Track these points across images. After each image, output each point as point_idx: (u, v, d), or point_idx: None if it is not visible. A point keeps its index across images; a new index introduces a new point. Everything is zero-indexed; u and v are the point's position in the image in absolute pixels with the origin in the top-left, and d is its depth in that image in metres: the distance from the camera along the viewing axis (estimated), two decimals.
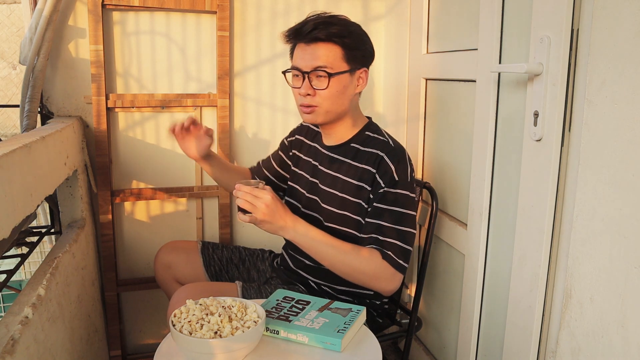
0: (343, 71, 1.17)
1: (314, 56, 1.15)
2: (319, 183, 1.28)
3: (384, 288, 1.14)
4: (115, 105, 1.61)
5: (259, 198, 1.06)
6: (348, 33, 1.17)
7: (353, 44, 1.17)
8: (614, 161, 0.81)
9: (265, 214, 1.06)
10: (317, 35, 1.14)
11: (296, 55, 1.20)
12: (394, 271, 1.12)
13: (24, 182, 0.96)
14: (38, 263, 2.17)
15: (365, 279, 1.13)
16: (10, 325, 0.86)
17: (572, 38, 0.92)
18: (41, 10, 1.43)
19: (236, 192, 1.07)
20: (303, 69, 1.17)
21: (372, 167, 1.18)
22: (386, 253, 1.12)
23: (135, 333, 1.82)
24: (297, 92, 1.20)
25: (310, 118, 1.21)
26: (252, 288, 1.24)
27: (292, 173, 1.41)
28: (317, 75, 1.16)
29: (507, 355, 1.15)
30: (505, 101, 1.16)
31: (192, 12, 1.66)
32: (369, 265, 1.11)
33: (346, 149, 1.25)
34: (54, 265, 1.14)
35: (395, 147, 1.20)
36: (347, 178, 1.22)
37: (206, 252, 1.45)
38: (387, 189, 1.15)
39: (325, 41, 1.15)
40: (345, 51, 1.16)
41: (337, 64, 1.16)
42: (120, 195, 1.66)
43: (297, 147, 1.42)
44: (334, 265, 1.13)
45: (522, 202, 1.07)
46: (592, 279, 0.87)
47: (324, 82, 1.16)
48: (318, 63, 1.15)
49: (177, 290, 1.22)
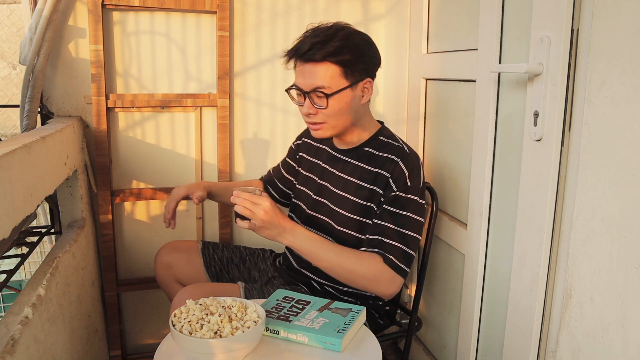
0: (342, 88, 1.15)
1: (312, 75, 1.15)
2: (329, 186, 1.29)
3: (383, 291, 1.14)
4: (115, 105, 1.61)
5: (257, 205, 1.06)
6: (347, 49, 1.14)
7: (352, 60, 1.15)
8: (614, 161, 0.81)
9: (264, 221, 1.07)
10: (313, 56, 1.13)
11: (297, 74, 1.20)
12: (394, 274, 1.12)
13: (24, 182, 0.97)
14: (38, 263, 2.17)
15: (365, 282, 1.13)
16: (10, 325, 0.86)
17: (572, 38, 0.92)
18: (41, 10, 1.43)
19: (234, 199, 1.08)
20: (304, 88, 1.17)
21: (387, 172, 1.18)
22: (387, 256, 1.12)
23: (135, 333, 1.82)
24: (301, 110, 1.21)
25: (319, 134, 1.22)
26: (255, 289, 1.24)
27: (299, 175, 1.42)
28: (317, 95, 1.16)
29: (507, 355, 1.15)
30: (505, 101, 1.16)
31: (192, 12, 1.66)
32: (369, 269, 1.11)
33: (360, 153, 1.25)
34: (54, 265, 1.14)
35: (411, 153, 1.21)
36: (360, 182, 1.22)
37: (207, 252, 1.45)
38: (399, 193, 1.16)
39: (321, 62, 1.14)
40: (343, 69, 1.14)
41: (335, 82, 1.15)
42: (120, 195, 1.66)
43: (304, 150, 1.43)
44: (334, 270, 1.13)
45: (522, 202, 1.07)
46: (592, 279, 0.87)
47: (324, 102, 1.16)
48: (316, 83, 1.14)
49: (180, 291, 1.22)
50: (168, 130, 1.72)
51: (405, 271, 1.14)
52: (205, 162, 1.76)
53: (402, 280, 1.15)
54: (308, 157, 1.40)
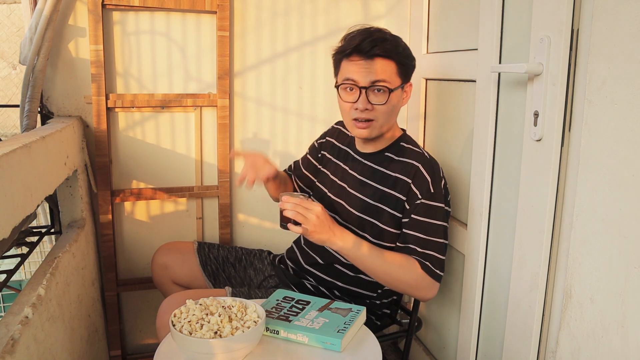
0: (398, 86, 1.19)
1: (372, 71, 1.16)
2: (347, 187, 1.30)
3: (423, 297, 1.19)
4: (115, 105, 1.61)
5: (309, 210, 1.09)
6: (401, 49, 1.19)
7: (405, 59, 1.19)
8: (614, 161, 0.81)
9: (316, 225, 1.09)
10: (377, 52, 1.15)
11: (350, 69, 1.18)
12: (433, 281, 1.16)
13: (24, 182, 0.97)
14: (38, 263, 2.17)
15: (406, 287, 1.17)
16: (10, 325, 0.86)
17: (572, 38, 0.92)
18: (41, 10, 1.43)
19: (284, 204, 1.10)
20: (360, 83, 1.17)
21: (407, 177, 1.19)
22: (425, 264, 1.15)
23: (135, 333, 1.82)
24: (352, 107, 1.19)
25: (366, 133, 1.21)
26: (242, 293, 1.25)
27: (319, 173, 1.43)
28: (374, 89, 1.16)
29: (507, 355, 1.15)
30: (505, 101, 1.16)
31: (192, 12, 1.66)
32: (410, 276, 1.15)
33: (381, 158, 1.27)
34: (54, 265, 1.14)
35: (430, 159, 1.23)
36: (379, 186, 1.23)
37: (202, 252, 1.46)
38: (424, 201, 1.17)
39: (385, 57, 1.16)
40: (399, 66, 1.18)
41: (394, 79, 1.18)
42: (120, 195, 1.66)
43: (327, 149, 1.44)
44: (378, 275, 1.17)
45: (522, 202, 1.07)
46: (592, 279, 0.87)
47: (383, 97, 1.17)
48: (377, 77, 1.16)
49: (164, 300, 1.23)
50: (168, 130, 1.72)
51: (441, 276, 1.18)
52: (205, 162, 1.76)
53: (439, 285, 1.19)
54: (331, 157, 1.41)
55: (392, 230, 1.21)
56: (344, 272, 1.28)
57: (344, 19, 1.79)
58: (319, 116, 1.84)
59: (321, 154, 1.46)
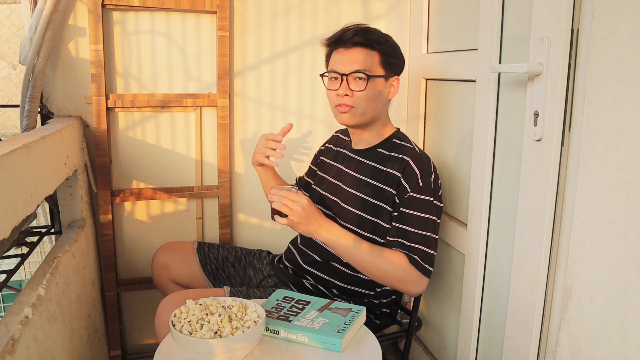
0: (379, 75, 1.22)
1: (353, 60, 1.21)
2: (341, 184, 1.32)
3: (410, 291, 1.18)
4: (115, 105, 1.61)
5: (295, 202, 1.12)
6: (385, 41, 1.24)
7: (389, 52, 1.24)
8: (614, 161, 0.81)
9: (302, 217, 1.12)
10: (358, 40, 1.20)
11: (334, 60, 1.25)
12: (421, 275, 1.16)
13: (24, 182, 0.96)
14: (38, 263, 2.17)
15: (393, 281, 1.17)
16: (10, 325, 0.86)
17: (572, 38, 0.92)
18: (41, 10, 1.43)
19: (272, 197, 1.13)
20: (341, 71, 1.22)
21: (398, 172, 1.21)
22: (412, 257, 1.15)
23: (135, 333, 1.82)
24: (335, 94, 1.24)
25: (346, 118, 1.25)
26: (240, 292, 1.25)
27: (316, 176, 1.46)
28: (355, 77, 1.21)
29: (507, 355, 1.15)
30: (505, 101, 1.16)
31: (192, 12, 1.66)
32: (397, 270, 1.15)
33: (373, 153, 1.29)
34: (54, 265, 1.14)
35: (421, 153, 1.24)
36: (371, 180, 1.25)
37: (202, 252, 1.46)
38: (413, 194, 1.18)
39: (365, 46, 1.21)
40: (382, 57, 1.22)
41: (375, 68, 1.22)
42: (120, 195, 1.66)
43: (325, 154, 1.47)
44: (365, 268, 1.17)
45: (522, 202, 1.07)
46: (592, 279, 0.87)
47: (362, 84, 1.21)
48: (357, 66, 1.20)
49: (162, 300, 1.23)
50: (168, 130, 1.72)
51: (430, 271, 1.18)
52: (205, 162, 1.76)
53: (428, 280, 1.18)
54: (327, 160, 1.44)
55: (386, 226, 1.22)
56: (342, 271, 1.28)
57: (344, 19, 1.79)
58: (319, 116, 1.84)
59: (320, 159, 1.49)
